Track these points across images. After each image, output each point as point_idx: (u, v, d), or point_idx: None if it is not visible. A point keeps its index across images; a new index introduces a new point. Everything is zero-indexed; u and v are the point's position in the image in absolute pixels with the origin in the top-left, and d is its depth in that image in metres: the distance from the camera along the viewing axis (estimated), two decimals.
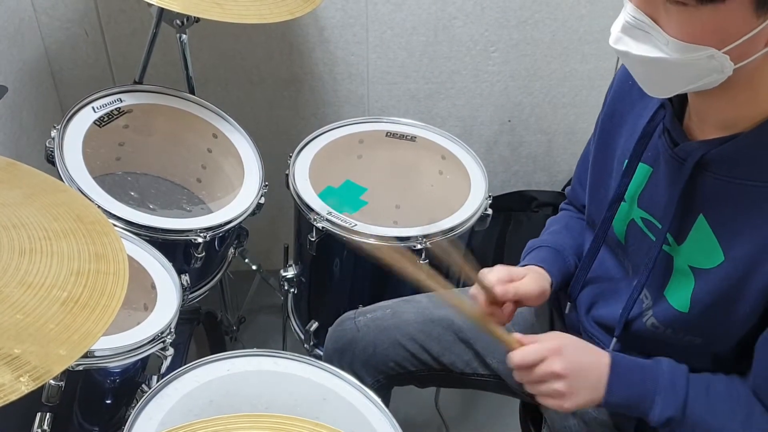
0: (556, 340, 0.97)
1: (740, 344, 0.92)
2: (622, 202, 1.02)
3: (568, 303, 1.14)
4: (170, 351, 1.18)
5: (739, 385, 0.93)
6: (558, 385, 0.93)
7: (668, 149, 0.92)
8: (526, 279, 1.06)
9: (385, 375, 1.27)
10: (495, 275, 1.04)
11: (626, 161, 0.99)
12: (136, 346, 1.12)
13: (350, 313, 1.31)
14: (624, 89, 1.02)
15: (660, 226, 0.95)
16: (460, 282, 1.61)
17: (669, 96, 0.88)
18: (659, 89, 0.86)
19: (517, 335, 0.99)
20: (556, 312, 1.23)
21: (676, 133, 0.91)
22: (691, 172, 0.88)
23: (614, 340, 1.03)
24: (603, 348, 1.07)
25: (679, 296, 0.94)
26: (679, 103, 0.93)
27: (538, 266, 1.10)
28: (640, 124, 0.97)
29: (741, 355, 0.93)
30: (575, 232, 1.19)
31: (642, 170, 0.98)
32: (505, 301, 1.04)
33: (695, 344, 0.96)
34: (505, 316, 1.06)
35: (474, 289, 1.05)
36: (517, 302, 1.06)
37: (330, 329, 1.32)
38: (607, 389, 0.93)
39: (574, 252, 1.16)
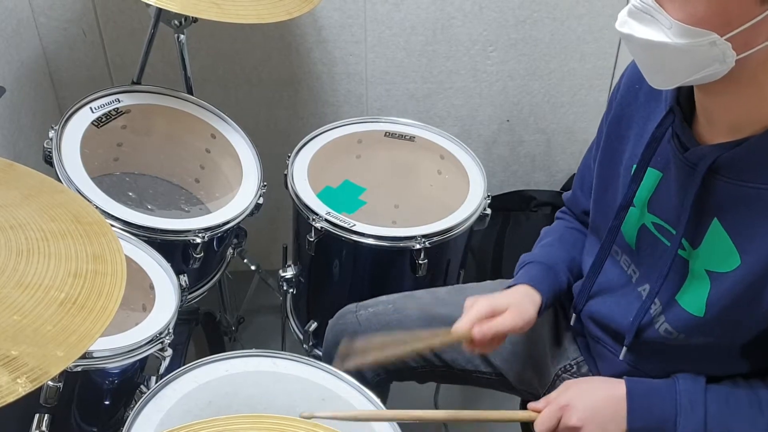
0: (565, 393, 1.00)
1: (751, 343, 0.92)
2: (632, 208, 1.01)
3: (574, 314, 1.14)
4: (169, 352, 1.18)
5: (760, 390, 0.92)
6: None
7: (678, 154, 0.91)
8: (507, 315, 1.05)
9: (385, 370, 1.27)
10: (474, 314, 1.04)
11: (634, 167, 0.98)
12: (134, 347, 1.12)
13: (351, 307, 1.30)
14: (631, 93, 1.02)
15: (674, 232, 0.94)
16: (459, 278, 1.61)
17: (672, 87, 0.87)
18: (661, 79, 0.86)
19: (531, 405, 1.01)
20: (563, 319, 1.22)
21: (685, 137, 0.91)
22: (703, 176, 0.88)
23: (624, 349, 1.02)
24: (612, 354, 1.07)
25: (694, 300, 0.93)
26: (688, 107, 0.92)
27: (528, 285, 1.10)
28: (648, 129, 0.96)
29: (751, 352, 0.93)
30: (569, 245, 1.18)
31: (651, 175, 0.97)
32: (483, 341, 1.04)
33: (707, 345, 0.95)
34: (492, 347, 1.07)
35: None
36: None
37: (330, 322, 1.32)
38: (628, 419, 0.95)
39: (567, 266, 1.15)
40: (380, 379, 1.27)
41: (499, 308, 1.05)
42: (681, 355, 0.99)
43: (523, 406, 1.34)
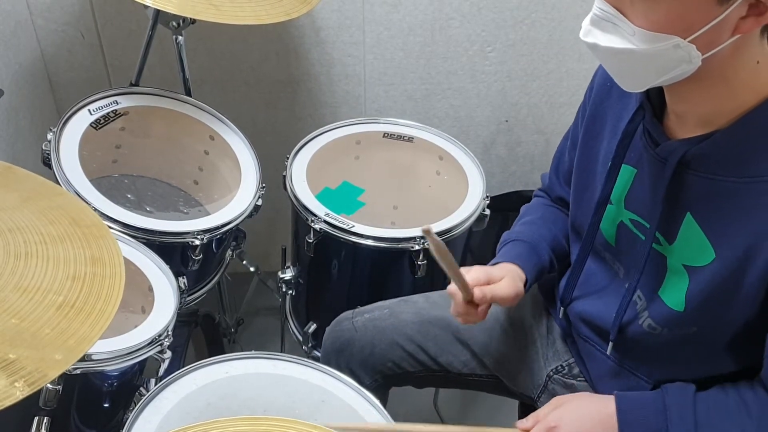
0: (554, 413, 0.99)
1: (735, 337, 0.92)
2: (609, 205, 1.02)
3: (562, 308, 1.14)
4: (168, 354, 1.18)
5: (746, 393, 0.93)
6: None
7: (650, 149, 0.92)
8: (504, 282, 1.06)
9: (382, 375, 1.27)
10: (473, 276, 1.05)
11: (609, 164, 0.99)
12: (133, 349, 1.12)
13: (348, 313, 1.31)
14: (603, 91, 1.03)
15: (648, 226, 0.95)
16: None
17: (643, 89, 0.88)
18: (632, 83, 0.87)
19: (519, 423, 1.01)
20: (553, 315, 1.22)
21: (656, 133, 0.91)
22: (673, 171, 0.88)
23: (610, 344, 1.03)
24: (600, 353, 1.07)
25: (674, 295, 0.94)
26: (659, 102, 0.93)
27: (513, 263, 1.11)
28: (621, 125, 0.97)
29: (735, 348, 0.94)
30: (550, 223, 1.19)
31: (626, 172, 0.98)
32: (481, 303, 1.05)
33: (689, 340, 0.96)
34: (479, 315, 1.06)
35: (452, 288, 1.05)
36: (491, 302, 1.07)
37: (328, 329, 1.32)
38: None
39: (550, 245, 1.16)
40: (378, 385, 1.28)
41: (495, 277, 1.06)
42: (667, 352, 0.99)
43: (521, 409, 1.34)
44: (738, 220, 0.85)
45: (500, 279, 1.06)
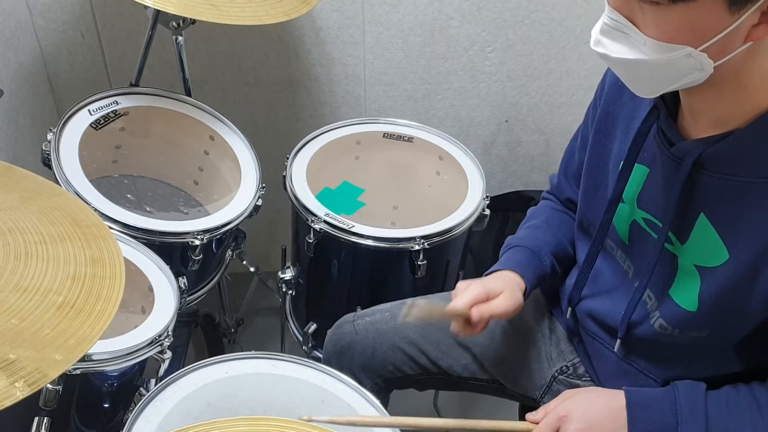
0: (563, 404, 0.99)
1: (746, 338, 0.92)
2: (622, 204, 1.01)
3: (569, 308, 1.14)
4: (168, 354, 1.18)
5: (759, 392, 0.92)
6: None
7: (664, 149, 0.92)
8: (502, 298, 1.06)
9: (383, 378, 1.27)
10: (471, 295, 1.04)
11: (622, 163, 0.99)
12: (133, 350, 1.12)
13: (349, 316, 1.31)
14: (615, 91, 1.02)
15: (661, 225, 0.95)
16: (458, 279, 1.61)
17: (655, 95, 0.88)
18: (644, 89, 0.87)
19: (529, 416, 1.01)
20: (559, 320, 1.22)
21: (671, 132, 0.91)
22: (689, 171, 0.88)
23: (618, 342, 1.03)
24: (608, 350, 1.07)
25: (687, 295, 0.93)
26: (673, 102, 0.92)
27: (513, 271, 1.11)
28: (634, 125, 0.97)
29: (745, 349, 0.93)
30: (555, 228, 1.19)
31: (639, 171, 0.98)
32: (479, 324, 1.05)
33: (700, 340, 0.95)
34: (478, 330, 1.07)
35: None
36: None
37: (329, 332, 1.32)
38: (629, 430, 0.95)
39: (552, 250, 1.16)
40: (379, 388, 1.28)
41: (494, 292, 1.06)
42: (676, 352, 0.99)
43: (522, 410, 1.34)
44: (753, 221, 0.85)
45: (499, 293, 1.06)
